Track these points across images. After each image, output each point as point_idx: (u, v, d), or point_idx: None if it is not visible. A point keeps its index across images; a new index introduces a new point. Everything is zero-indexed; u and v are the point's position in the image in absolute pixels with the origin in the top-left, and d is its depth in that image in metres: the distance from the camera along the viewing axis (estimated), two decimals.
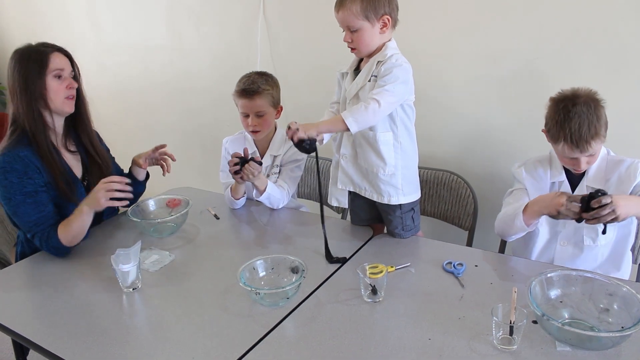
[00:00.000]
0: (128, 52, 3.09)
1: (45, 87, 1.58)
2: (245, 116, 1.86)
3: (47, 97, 1.58)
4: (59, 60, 1.61)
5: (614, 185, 1.46)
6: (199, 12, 2.69)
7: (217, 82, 2.74)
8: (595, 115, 1.37)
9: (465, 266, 1.42)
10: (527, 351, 1.09)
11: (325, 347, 1.14)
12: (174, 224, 1.73)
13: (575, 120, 1.37)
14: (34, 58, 1.57)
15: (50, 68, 1.58)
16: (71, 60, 1.66)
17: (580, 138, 1.36)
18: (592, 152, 1.41)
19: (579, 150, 1.39)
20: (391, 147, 1.54)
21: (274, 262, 1.38)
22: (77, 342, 1.18)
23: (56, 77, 1.59)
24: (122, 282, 1.37)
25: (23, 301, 1.39)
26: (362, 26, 1.45)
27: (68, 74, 1.63)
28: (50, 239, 1.54)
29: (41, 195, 1.55)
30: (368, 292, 1.30)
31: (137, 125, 3.26)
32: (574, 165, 1.46)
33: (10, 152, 1.53)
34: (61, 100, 1.61)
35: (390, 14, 1.46)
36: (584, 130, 1.36)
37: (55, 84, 1.59)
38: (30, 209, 1.53)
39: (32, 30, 3.51)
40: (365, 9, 1.42)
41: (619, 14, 1.65)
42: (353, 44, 1.49)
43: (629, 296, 1.11)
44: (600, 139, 1.39)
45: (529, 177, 1.58)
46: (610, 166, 1.48)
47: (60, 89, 1.60)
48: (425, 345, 1.12)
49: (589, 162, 1.45)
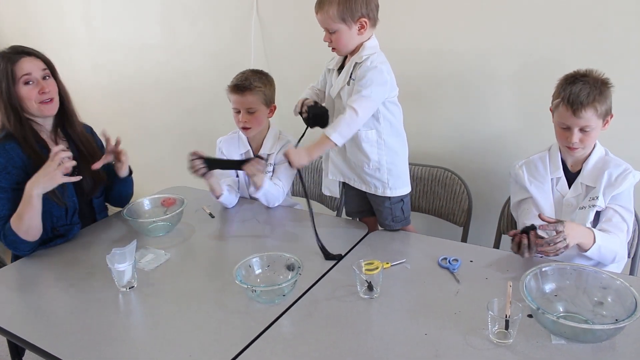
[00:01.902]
0: (122, 50, 3.07)
1: (19, 97, 1.57)
2: (237, 112, 1.86)
3: (24, 105, 1.59)
4: (26, 64, 1.59)
5: (604, 184, 1.46)
6: (194, 11, 2.68)
7: (212, 81, 2.73)
8: (600, 90, 1.40)
9: (460, 262, 1.43)
10: (522, 345, 1.10)
11: (322, 343, 1.14)
12: (169, 223, 1.73)
13: (578, 85, 1.41)
14: (2, 69, 1.56)
15: (17, 76, 1.57)
16: (44, 60, 1.64)
17: (577, 99, 1.39)
18: (585, 123, 1.41)
19: (572, 112, 1.40)
20: (374, 145, 1.57)
21: (270, 260, 1.38)
22: (73, 342, 1.18)
23: (25, 84, 1.58)
24: (117, 281, 1.37)
25: (18, 301, 1.38)
26: (339, 28, 1.48)
27: (39, 77, 1.61)
28: (7, 235, 1.54)
29: (15, 193, 1.55)
30: (364, 288, 1.30)
31: (132, 124, 3.25)
32: (567, 139, 1.45)
33: None
34: (36, 106, 1.60)
35: (367, 15, 1.48)
36: (584, 94, 1.39)
37: (25, 91, 1.58)
38: (0, 204, 1.54)
39: (25, 28, 3.49)
40: (342, 12, 1.45)
41: (617, 12, 1.66)
42: (332, 44, 1.53)
43: (622, 289, 1.12)
44: (596, 112, 1.40)
45: (531, 177, 1.58)
46: (606, 166, 1.48)
47: (31, 95, 1.59)
48: (422, 340, 1.13)
49: (582, 140, 1.44)
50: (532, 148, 1.65)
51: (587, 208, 1.47)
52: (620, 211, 1.45)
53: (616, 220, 1.45)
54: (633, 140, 1.74)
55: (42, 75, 1.62)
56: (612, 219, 1.45)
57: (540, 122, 1.80)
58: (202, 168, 1.70)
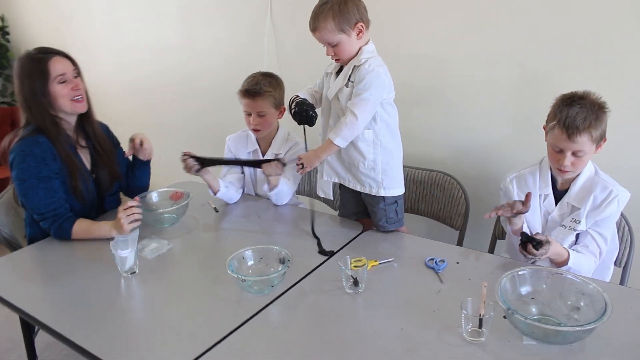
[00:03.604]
0: (143, 51, 3.21)
1: (52, 95, 1.65)
2: (247, 114, 1.94)
3: (56, 104, 1.67)
4: (60, 65, 1.66)
5: (588, 207, 1.48)
6: (211, 15, 2.79)
7: (226, 81, 2.81)
8: (596, 115, 1.40)
9: (446, 263, 1.48)
10: (494, 343, 1.14)
11: (304, 332, 1.21)
12: (174, 215, 1.82)
13: (575, 108, 1.41)
14: (35, 69, 1.63)
15: (52, 76, 1.64)
16: (71, 60, 1.72)
17: (573, 123, 1.39)
18: (579, 148, 1.41)
19: (567, 136, 1.40)
20: (370, 144, 1.62)
21: (263, 253, 1.46)
22: (77, 320, 1.27)
23: (60, 83, 1.66)
24: (120, 267, 1.46)
25: (30, 282, 1.49)
26: (340, 39, 1.53)
27: (71, 76, 1.69)
28: (63, 228, 1.64)
29: (54, 182, 1.65)
30: (350, 283, 1.36)
31: (150, 120, 3.38)
32: (559, 162, 1.46)
33: (30, 137, 1.64)
34: (69, 103, 1.68)
35: (361, 19, 1.53)
36: (580, 119, 1.39)
37: (60, 88, 1.66)
38: (42, 193, 1.63)
39: (57, 28, 3.66)
40: (339, 23, 1.50)
41: (615, 18, 1.68)
42: (336, 55, 1.58)
43: (594, 293, 1.15)
44: (590, 137, 1.40)
45: (521, 193, 1.59)
46: (593, 187, 1.49)
47: (65, 93, 1.67)
48: (398, 335, 1.18)
49: (574, 164, 1.45)
50: (530, 156, 1.68)
51: (568, 229, 1.51)
52: (597, 238, 1.50)
53: (593, 247, 1.50)
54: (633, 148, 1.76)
55: (73, 74, 1.71)
56: (589, 246, 1.50)
57: (538, 130, 1.81)
58: (194, 165, 1.80)
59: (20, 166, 1.62)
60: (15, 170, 1.64)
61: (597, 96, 1.44)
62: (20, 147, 1.63)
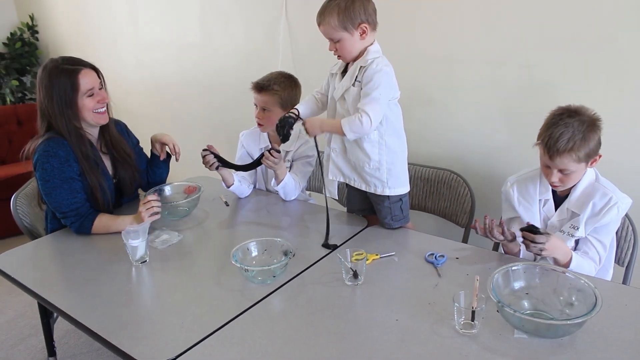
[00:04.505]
0: (163, 49, 3.30)
1: (79, 108, 1.70)
2: (256, 108, 2.00)
3: (81, 115, 1.72)
4: (89, 78, 1.70)
5: (587, 214, 1.48)
6: (228, 14, 2.86)
7: (242, 79, 2.87)
8: (583, 134, 1.37)
9: (446, 258, 1.51)
10: (485, 336, 1.17)
11: (301, 321, 1.25)
12: (186, 208, 1.89)
13: (560, 127, 1.39)
14: (65, 82, 1.66)
15: (82, 90, 1.68)
16: (97, 71, 1.76)
17: (554, 145, 1.38)
18: (562, 167, 1.41)
19: (548, 157, 1.41)
20: (375, 145, 1.64)
21: (267, 245, 1.51)
22: (90, 305, 1.35)
23: (89, 97, 1.71)
24: (131, 256, 1.53)
25: (47, 270, 1.58)
26: (342, 37, 1.56)
27: (97, 89, 1.73)
28: (84, 226, 1.72)
29: (76, 183, 1.72)
30: (349, 275, 1.40)
31: (169, 116, 3.48)
32: (547, 176, 1.48)
33: (55, 139, 1.70)
34: (92, 115, 1.73)
35: (367, 21, 1.55)
36: (562, 140, 1.37)
37: (87, 102, 1.71)
38: (65, 193, 1.70)
39: (78, 26, 3.79)
40: (343, 21, 1.53)
41: (621, 21, 1.68)
42: (337, 52, 1.61)
43: (585, 288, 1.17)
44: (573, 158, 1.38)
45: (521, 198, 1.60)
46: (593, 193, 1.48)
47: (91, 106, 1.71)
48: (392, 326, 1.22)
49: (562, 180, 1.45)
50: (536, 157, 1.65)
51: (567, 235, 1.51)
52: (596, 245, 1.50)
53: (592, 254, 1.50)
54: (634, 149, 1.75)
55: (99, 86, 1.75)
56: (588, 252, 1.51)
57: None
58: (215, 162, 1.87)
59: (44, 166, 1.68)
60: (39, 171, 1.70)
61: (590, 112, 1.42)
62: (44, 147, 1.69)
